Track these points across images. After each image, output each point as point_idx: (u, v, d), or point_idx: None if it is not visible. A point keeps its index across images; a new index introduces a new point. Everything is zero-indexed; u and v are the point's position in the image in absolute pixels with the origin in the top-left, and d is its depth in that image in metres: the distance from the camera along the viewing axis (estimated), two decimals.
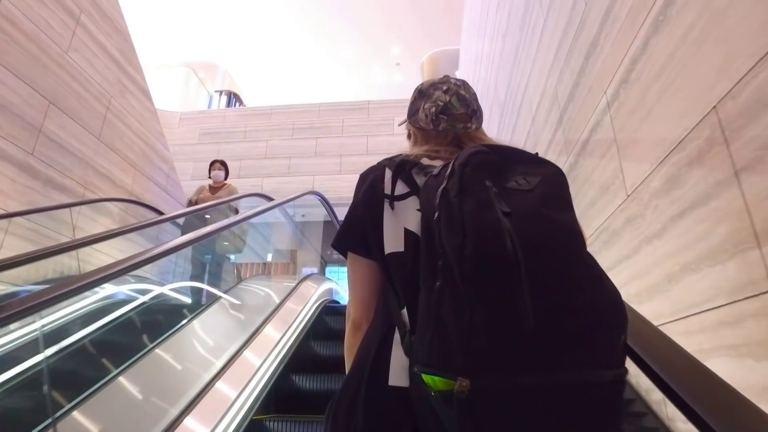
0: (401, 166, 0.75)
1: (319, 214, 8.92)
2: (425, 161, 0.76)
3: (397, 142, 8.56)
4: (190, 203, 3.51)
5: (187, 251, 3.39)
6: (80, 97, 3.37)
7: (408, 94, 0.97)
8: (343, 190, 7.86)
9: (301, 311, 2.47)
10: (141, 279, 3.28)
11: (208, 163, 3.89)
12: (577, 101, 1.97)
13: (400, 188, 0.74)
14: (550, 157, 2.39)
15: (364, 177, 0.81)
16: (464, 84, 0.86)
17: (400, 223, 0.71)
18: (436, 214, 0.58)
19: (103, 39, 3.63)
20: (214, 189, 3.76)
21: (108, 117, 3.72)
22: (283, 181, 8.14)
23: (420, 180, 0.73)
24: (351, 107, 8.65)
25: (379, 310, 0.75)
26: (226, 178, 3.91)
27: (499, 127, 3.93)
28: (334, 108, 8.69)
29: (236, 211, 3.58)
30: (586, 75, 1.86)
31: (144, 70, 4.47)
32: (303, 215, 8.86)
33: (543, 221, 0.55)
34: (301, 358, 2.17)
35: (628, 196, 1.47)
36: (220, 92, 13.88)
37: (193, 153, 8.61)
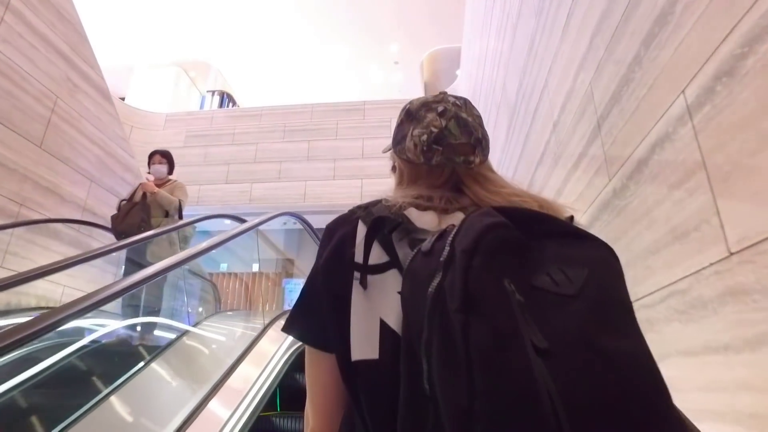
0: (378, 225, 0.52)
1: (316, 220, 8.38)
2: (413, 214, 0.55)
3: None
4: (119, 206, 2.90)
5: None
6: (12, 97, 2.85)
7: (407, 95, 0.55)
8: (336, 197, 7.34)
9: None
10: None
11: (196, 169, 3.30)
12: (627, 104, 1.44)
13: (377, 255, 0.51)
14: (581, 177, 1.86)
15: (330, 232, 0.60)
16: (466, 104, 0.65)
17: (374, 311, 0.48)
18: (425, 335, 0.37)
19: (45, 29, 3.11)
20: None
21: (53, 121, 3.19)
22: (272, 187, 7.62)
23: (403, 252, 0.50)
24: (346, 108, 8.12)
25: (345, 425, 0.52)
26: (170, 173, 3.32)
27: (508, 133, 3.39)
28: (328, 109, 8.16)
29: (180, 213, 2.99)
30: (643, 67, 1.33)
31: (133, 70, 3.94)
32: (294, 223, 8.33)
33: (603, 365, 0.33)
34: None
35: (732, 254, 0.94)
36: (213, 92, 13.47)
37: (178, 157, 8.02)
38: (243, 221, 2.89)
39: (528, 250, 0.39)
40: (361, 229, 0.54)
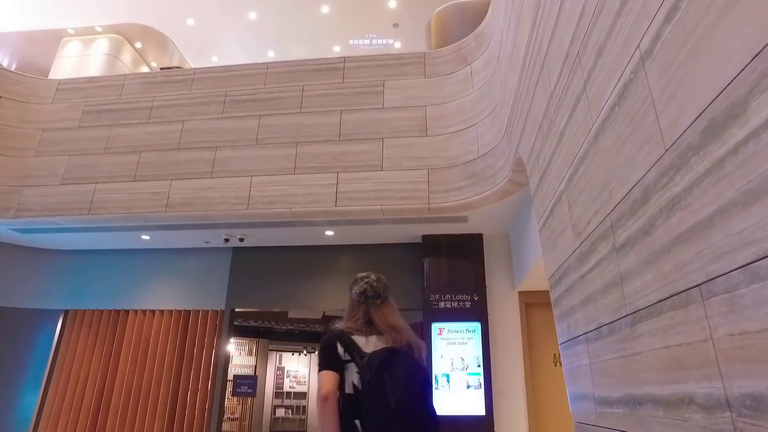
0: (344, 345, 1.73)
1: (268, 237, 5.63)
2: (355, 337, 1.74)
3: (388, 120, 5.25)
4: None
5: None
6: None
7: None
8: (299, 202, 4.59)
9: None
10: None
11: (92, 159, 1.71)
12: None
13: (347, 356, 1.71)
14: None
15: (330, 345, 1.73)
16: (378, 278, 1.89)
17: (349, 377, 1.66)
18: (385, 377, 1.62)
19: None
20: None
21: None
22: (201, 186, 4.88)
23: (357, 355, 1.70)
24: (317, 67, 5.37)
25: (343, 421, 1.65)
26: None
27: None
28: (289, 68, 5.41)
29: None
30: None
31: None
32: (241, 239, 5.62)
33: (408, 389, 1.62)
34: None
35: None
36: (168, 69, 10.68)
37: (69, 142, 5.37)
38: None
39: (393, 365, 1.66)
40: (339, 344, 1.73)
